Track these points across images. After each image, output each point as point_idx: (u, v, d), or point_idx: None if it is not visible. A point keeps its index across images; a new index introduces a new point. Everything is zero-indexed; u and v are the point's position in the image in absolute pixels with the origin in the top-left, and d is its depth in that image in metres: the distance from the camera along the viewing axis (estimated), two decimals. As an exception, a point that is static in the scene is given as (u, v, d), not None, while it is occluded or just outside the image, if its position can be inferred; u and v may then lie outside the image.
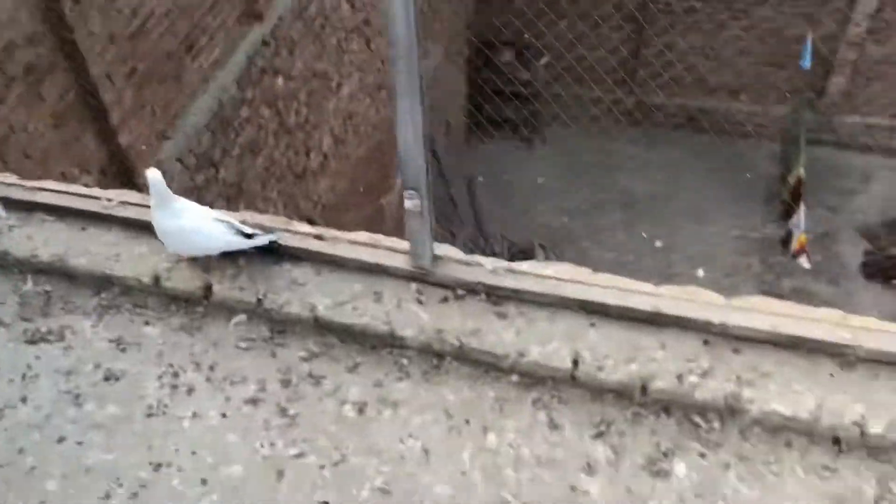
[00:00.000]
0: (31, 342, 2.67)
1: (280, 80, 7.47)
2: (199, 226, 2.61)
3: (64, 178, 5.24)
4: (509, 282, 2.40)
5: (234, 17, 6.75)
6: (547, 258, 7.01)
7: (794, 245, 7.22)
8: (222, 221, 2.62)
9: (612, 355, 2.21)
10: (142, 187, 5.81)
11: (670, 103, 9.69)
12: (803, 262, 6.89)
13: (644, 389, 2.15)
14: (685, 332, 2.21)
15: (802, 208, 6.79)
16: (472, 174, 8.56)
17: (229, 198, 6.84)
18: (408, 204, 2.33)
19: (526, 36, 9.51)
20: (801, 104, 9.69)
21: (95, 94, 5.31)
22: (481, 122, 9.22)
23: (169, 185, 5.47)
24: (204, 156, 6.56)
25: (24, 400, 2.50)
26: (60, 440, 2.37)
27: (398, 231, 2.63)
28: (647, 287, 2.30)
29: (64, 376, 2.55)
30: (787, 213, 8.22)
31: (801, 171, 7.87)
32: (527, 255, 7.12)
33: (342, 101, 8.42)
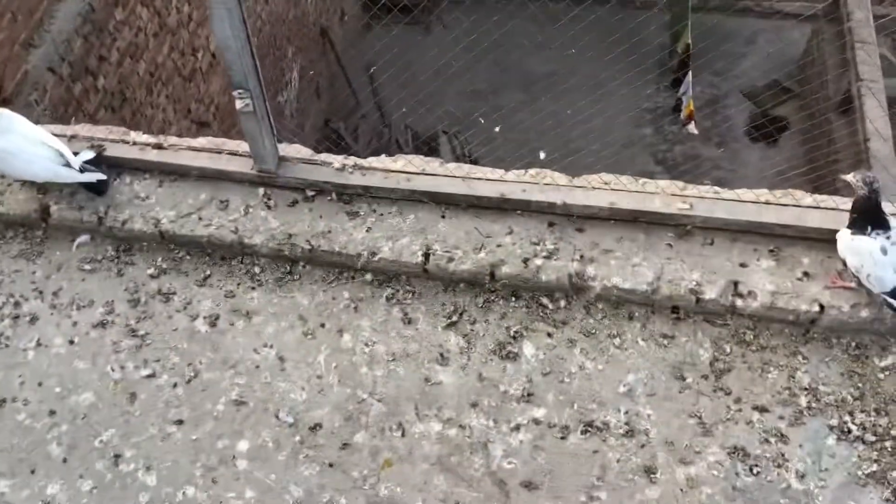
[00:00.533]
0: None
1: (152, -24, 6.69)
2: (22, 149, 2.26)
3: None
4: (358, 179, 2.19)
5: None
6: (451, 145, 6.78)
7: (684, 112, 7.16)
8: (51, 148, 2.27)
9: (462, 245, 2.06)
10: (6, 101, 5.20)
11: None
12: (692, 128, 6.86)
13: (493, 276, 2.03)
14: (531, 216, 2.07)
15: (690, 75, 6.69)
16: (371, 63, 8.13)
17: (113, 107, 6.25)
18: (239, 104, 2.05)
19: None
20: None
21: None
22: (376, 10, 8.62)
23: (42, 97, 4.86)
24: (78, 63, 5.90)
25: None
26: None
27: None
28: (495, 174, 2.13)
29: None
30: (678, 81, 8.12)
31: (689, 39, 7.72)
32: (432, 143, 6.85)
33: (225, -5, 7.65)
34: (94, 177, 2.27)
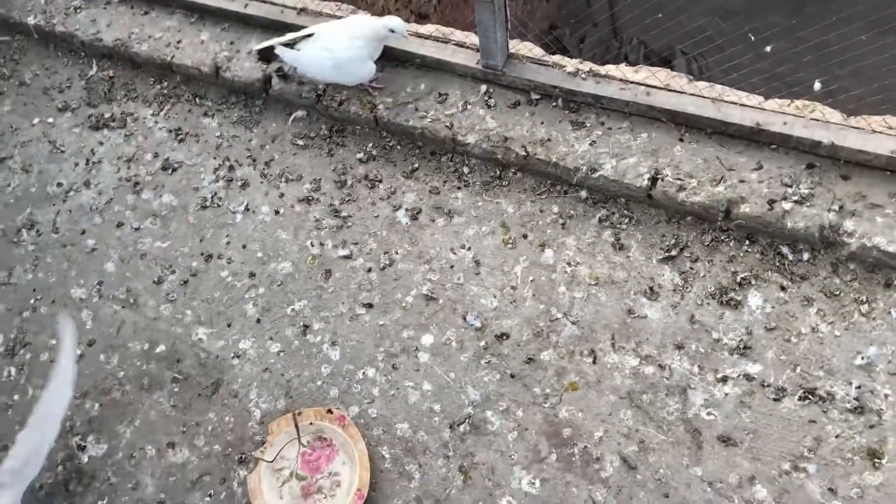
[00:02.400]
0: (95, 128, 2.89)
1: None
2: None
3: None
4: (591, 87, 2.30)
5: None
6: (689, 68, 6.62)
7: None
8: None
9: (698, 174, 2.12)
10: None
11: None
12: None
13: (728, 213, 2.07)
14: (788, 153, 2.07)
15: None
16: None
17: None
18: (477, -12, 2.23)
19: None
20: None
21: None
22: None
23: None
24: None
25: (87, 184, 2.75)
26: (119, 225, 2.62)
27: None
28: (752, 100, 2.14)
29: (125, 164, 2.77)
30: None
31: None
32: (666, 62, 6.72)
33: None
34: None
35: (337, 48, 2.43)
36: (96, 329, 2.42)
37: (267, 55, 2.58)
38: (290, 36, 2.52)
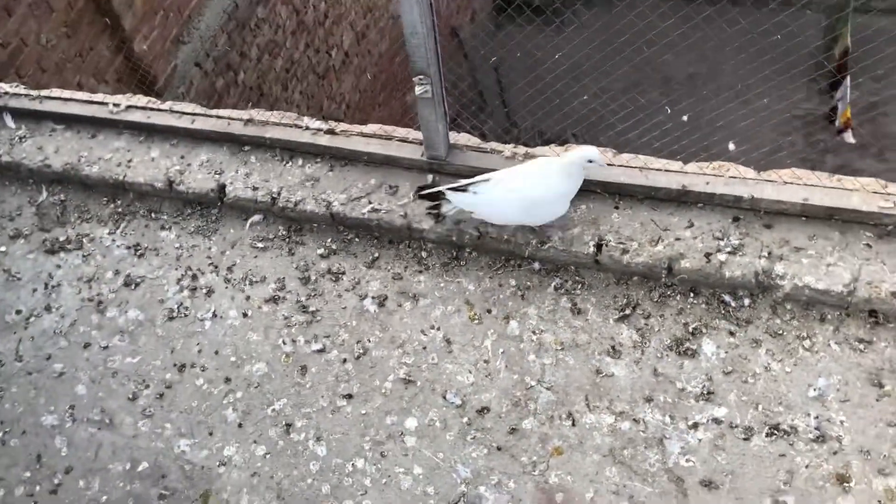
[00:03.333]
0: (51, 252, 2.68)
1: (292, -25, 7.14)
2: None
3: (80, 88, 5.15)
4: (529, 167, 2.27)
5: None
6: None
7: (840, 120, 6.82)
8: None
9: (637, 237, 2.10)
10: (157, 93, 5.68)
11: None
12: (848, 137, 6.50)
13: (671, 270, 2.06)
14: (714, 210, 2.08)
15: (847, 80, 6.36)
16: (500, 60, 8.31)
17: (251, 102, 6.71)
18: (418, 90, 2.19)
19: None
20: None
21: (107, 0, 5.13)
22: (508, 8, 8.80)
23: (188, 91, 5.31)
24: (221, 60, 6.38)
25: (48, 308, 2.52)
26: (86, 346, 2.40)
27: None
28: (674, 165, 2.16)
29: (86, 284, 2.56)
30: (833, 86, 7.74)
31: (848, 41, 7.36)
32: (563, 145, 6.88)
33: (359, -6, 8.05)
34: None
35: (530, 187, 2.05)
36: (73, 455, 2.18)
37: (431, 196, 2.23)
38: (462, 182, 2.16)
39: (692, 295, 2.05)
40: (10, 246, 2.73)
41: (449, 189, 2.15)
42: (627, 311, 2.07)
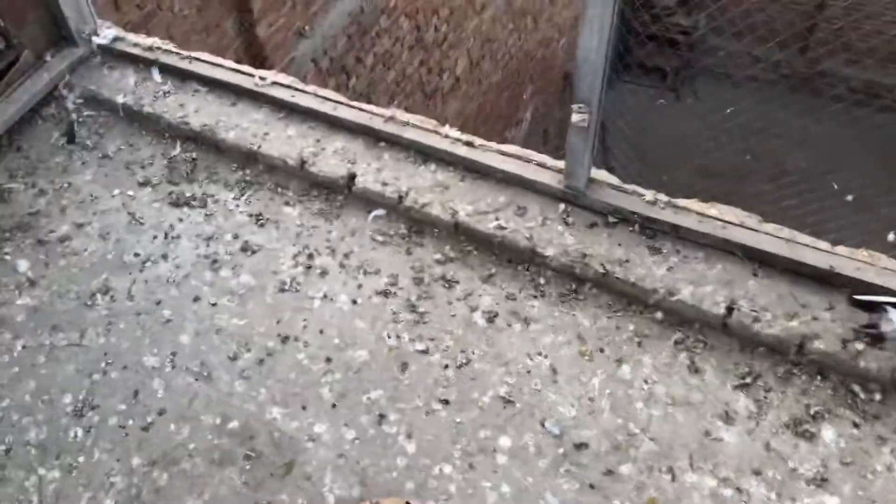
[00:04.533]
0: (176, 205, 2.89)
1: (424, -8, 7.48)
2: None
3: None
4: (668, 216, 2.38)
5: (388, -82, 6.78)
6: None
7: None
8: None
9: (772, 308, 2.17)
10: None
11: (845, 72, 9.07)
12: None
13: (801, 348, 2.11)
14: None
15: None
16: (608, 117, 8.49)
17: (357, 107, 6.97)
18: (575, 118, 2.33)
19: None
20: None
21: (241, -21, 5.49)
22: (629, 64, 8.99)
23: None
24: (338, 61, 6.71)
25: (164, 257, 2.72)
26: (196, 299, 2.58)
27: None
28: (822, 244, 2.22)
29: (204, 241, 2.75)
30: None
31: None
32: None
33: (484, 24, 8.36)
34: None
35: None
36: (168, 398, 2.33)
37: (869, 305, 2.03)
38: None
39: (819, 378, 2.10)
40: (138, 192, 2.95)
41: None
42: (748, 381, 2.13)
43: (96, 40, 3.36)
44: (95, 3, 3.45)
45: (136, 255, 2.74)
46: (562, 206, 2.55)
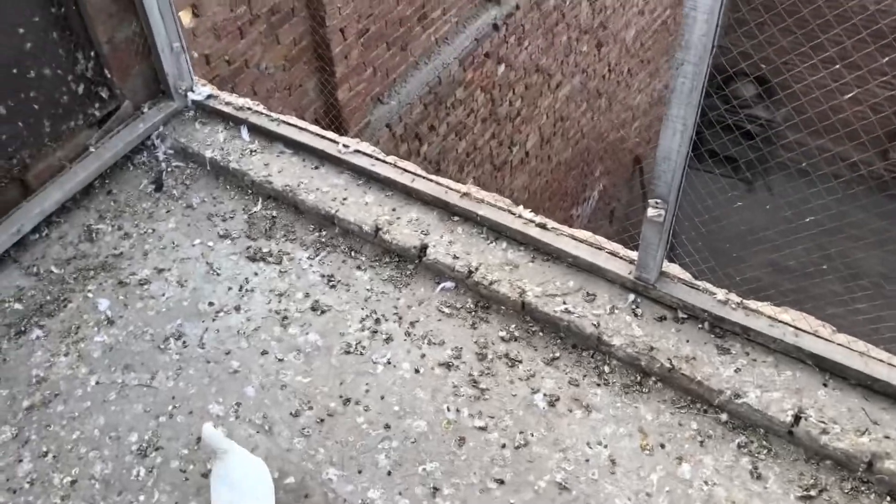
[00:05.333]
0: (252, 259, 3.06)
1: (501, 68, 7.79)
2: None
3: (282, 119, 5.79)
4: (739, 317, 2.43)
5: (472, -3, 7.13)
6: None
7: None
8: None
9: (842, 421, 2.18)
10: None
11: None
12: None
13: (871, 466, 2.11)
14: (935, 419, 2.14)
15: None
16: (679, 202, 8.50)
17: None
18: (651, 212, 2.43)
19: (768, 69, 9.21)
20: None
21: (327, 46, 5.84)
22: (701, 153, 9.05)
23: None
24: (412, 127, 7.00)
25: (237, 308, 2.87)
26: (263, 353, 2.71)
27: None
28: (896, 359, 2.24)
29: (276, 297, 2.90)
30: None
31: None
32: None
33: (558, 102, 8.61)
34: None
35: None
36: (228, 449, 2.44)
37: None
38: None
39: (889, 499, 2.09)
40: (218, 243, 3.14)
41: None
42: (812, 493, 2.13)
43: (191, 96, 3.63)
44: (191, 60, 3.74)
45: (211, 304, 2.90)
46: (631, 296, 2.62)
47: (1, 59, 2.94)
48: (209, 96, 3.65)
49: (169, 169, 3.49)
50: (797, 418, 2.21)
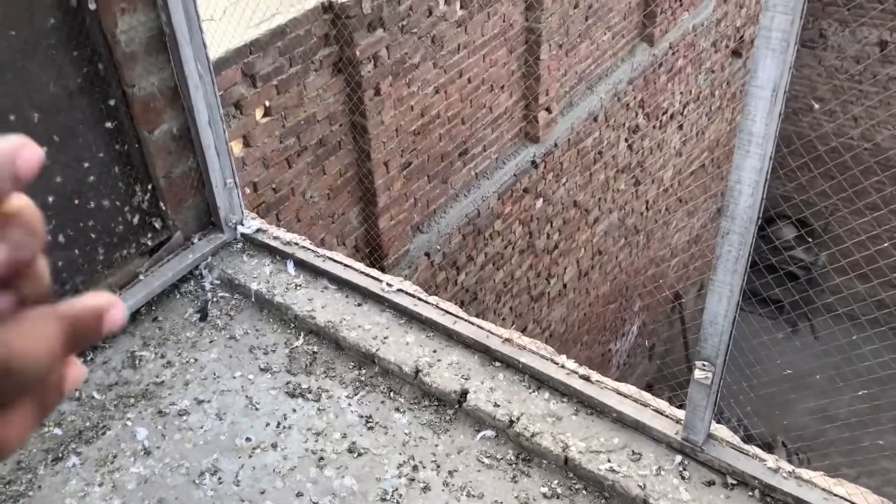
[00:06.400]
0: (291, 395, 3.13)
1: (539, 202, 8.04)
2: None
3: (323, 245, 6.04)
4: (791, 487, 2.41)
5: (511, 134, 7.48)
6: (790, 461, 6.65)
7: None
8: None
9: None
10: (383, 269, 6.45)
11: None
12: None
13: None
14: None
15: None
16: (726, 364, 8.45)
17: (463, 302, 7.36)
18: (699, 374, 2.47)
19: (809, 212, 9.36)
20: None
21: (370, 177, 6.13)
22: (746, 294, 9.08)
23: (411, 275, 6.01)
24: (450, 256, 7.18)
25: (274, 446, 2.91)
26: (298, 495, 2.73)
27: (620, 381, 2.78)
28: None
29: (314, 436, 2.94)
30: None
31: None
32: (768, 448, 6.79)
33: (595, 236, 8.78)
34: None
35: None
36: None
37: None
38: None
39: None
40: (258, 377, 3.22)
41: None
42: None
43: (241, 229, 3.82)
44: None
45: (248, 439, 2.95)
46: (678, 457, 2.62)
47: (65, 191, 3.16)
48: (258, 230, 3.83)
49: (214, 299, 3.63)
50: None
